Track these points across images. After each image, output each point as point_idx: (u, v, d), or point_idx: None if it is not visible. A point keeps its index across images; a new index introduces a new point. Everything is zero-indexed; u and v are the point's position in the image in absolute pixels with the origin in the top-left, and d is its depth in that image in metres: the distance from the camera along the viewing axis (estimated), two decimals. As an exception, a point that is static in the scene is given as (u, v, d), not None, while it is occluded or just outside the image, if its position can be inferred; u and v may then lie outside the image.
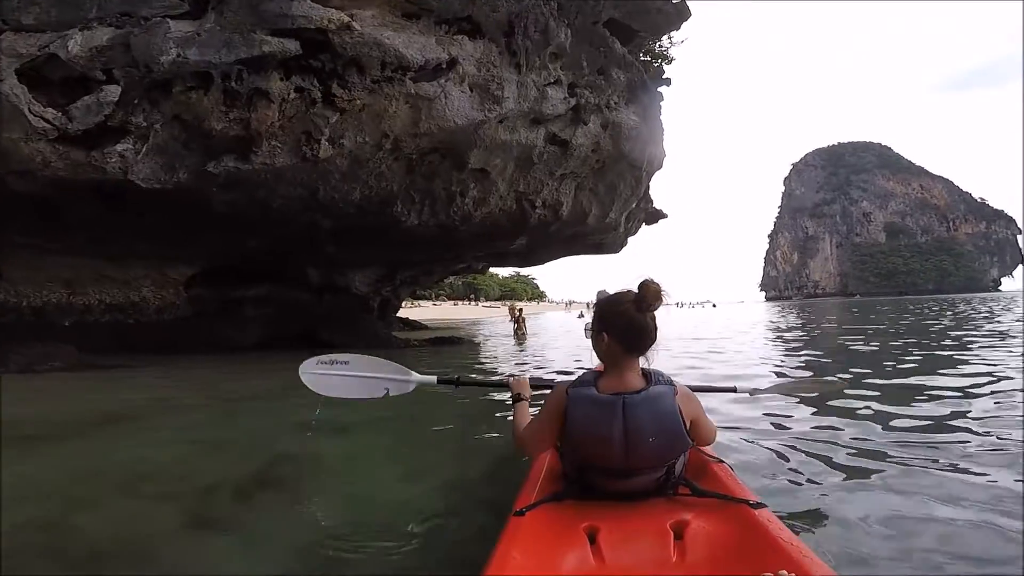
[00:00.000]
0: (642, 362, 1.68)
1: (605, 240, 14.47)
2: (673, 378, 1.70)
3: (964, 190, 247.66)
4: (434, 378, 2.62)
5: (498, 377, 4.72)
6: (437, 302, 59.44)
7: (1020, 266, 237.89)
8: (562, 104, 9.38)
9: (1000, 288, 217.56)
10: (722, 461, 1.91)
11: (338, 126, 7.79)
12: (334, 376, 2.59)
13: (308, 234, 9.54)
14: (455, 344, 12.69)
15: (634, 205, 13.34)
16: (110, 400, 5.38)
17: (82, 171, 6.90)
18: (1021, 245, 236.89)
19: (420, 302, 47.90)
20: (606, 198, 11.53)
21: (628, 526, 1.51)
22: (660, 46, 13.13)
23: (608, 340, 1.66)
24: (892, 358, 7.23)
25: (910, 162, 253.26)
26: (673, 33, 12.95)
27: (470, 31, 8.26)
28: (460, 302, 66.50)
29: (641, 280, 1.65)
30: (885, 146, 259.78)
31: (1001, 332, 10.39)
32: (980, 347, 7.94)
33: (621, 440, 1.57)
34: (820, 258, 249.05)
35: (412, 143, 8.47)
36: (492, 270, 46.87)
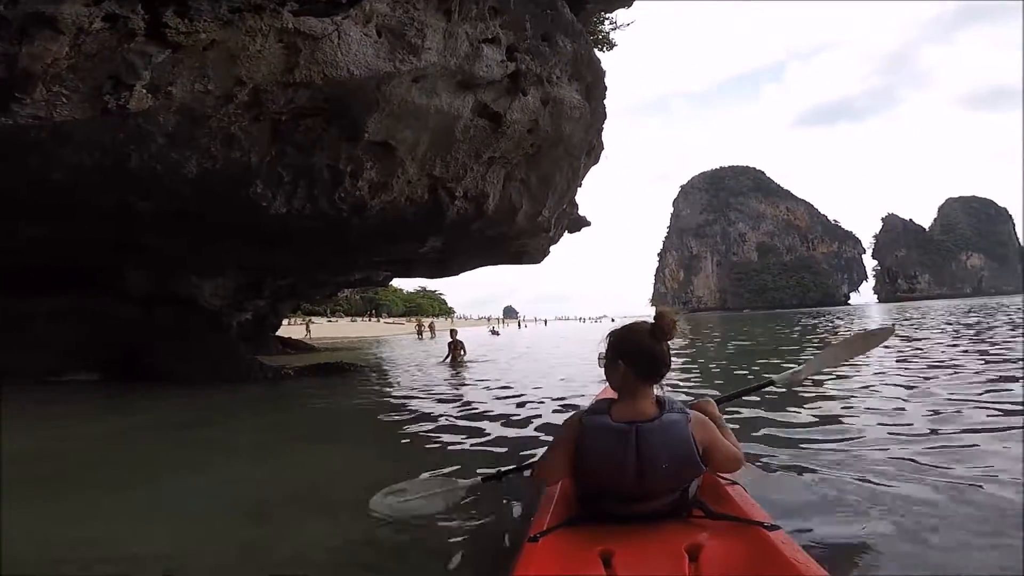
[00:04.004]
0: (656, 389, 1.71)
1: (529, 247, 12.47)
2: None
3: (822, 213, 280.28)
4: (479, 479, 2.50)
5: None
6: (333, 318, 54.45)
7: (864, 282, 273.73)
8: (498, 68, 7.18)
9: (850, 302, 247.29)
10: (736, 483, 1.86)
11: (166, 68, 5.07)
12: (405, 502, 2.51)
13: (119, 222, 6.48)
14: (345, 373, 9.89)
15: (564, 206, 11.51)
16: None
17: None
18: (866, 263, 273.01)
19: (313, 318, 43.05)
20: (539, 192, 9.50)
21: (643, 549, 1.49)
22: (601, 31, 11.52)
23: (624, 368, 1.69)
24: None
25: (779, 186, 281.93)
26: (618, 13, 11.42)
27: (386, -44, 5.85)
28: (359, 318, 61.50)
29: (657, 310, 1.71)
30: (759, 171, 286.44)
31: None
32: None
33: (634, 467, 1.57)
34: (703, 276, 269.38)
35: (282, 96, 5.86)
36: (396, 283, 43.45)
